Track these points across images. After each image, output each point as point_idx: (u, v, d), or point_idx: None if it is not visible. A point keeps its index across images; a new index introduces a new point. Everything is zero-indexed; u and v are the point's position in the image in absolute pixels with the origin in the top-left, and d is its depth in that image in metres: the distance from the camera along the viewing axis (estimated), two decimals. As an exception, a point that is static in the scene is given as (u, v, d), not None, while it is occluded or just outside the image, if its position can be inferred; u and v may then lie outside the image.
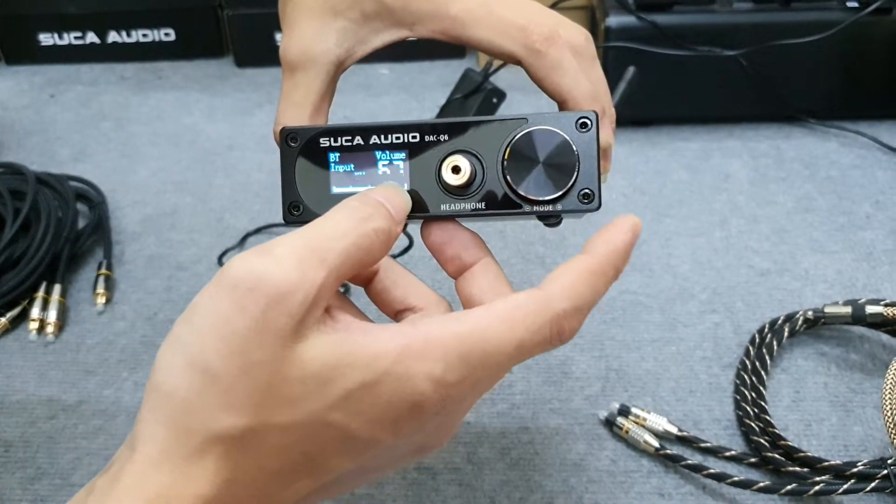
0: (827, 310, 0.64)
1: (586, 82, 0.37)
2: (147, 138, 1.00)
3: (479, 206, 0.36)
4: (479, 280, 0.36)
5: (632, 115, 0.94)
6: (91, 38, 1.17)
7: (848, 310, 0.63)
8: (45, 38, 1.18)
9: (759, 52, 0.88)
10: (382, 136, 0.36)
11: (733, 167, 0.89)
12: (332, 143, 0.37)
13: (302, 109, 0.39)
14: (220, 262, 0.78)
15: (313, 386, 0.29)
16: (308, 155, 0.37)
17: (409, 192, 0.36)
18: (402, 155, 0.36)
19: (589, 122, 0.35)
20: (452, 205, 0.36)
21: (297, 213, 0.37)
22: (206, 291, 0.29)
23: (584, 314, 0.32)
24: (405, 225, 0.35)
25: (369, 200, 0.33)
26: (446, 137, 0.36)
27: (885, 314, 0.62)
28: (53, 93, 1.12)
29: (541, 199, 0.35)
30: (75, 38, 1.17)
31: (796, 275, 0.74)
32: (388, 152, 0.36)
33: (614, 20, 0.89)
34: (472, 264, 0.36)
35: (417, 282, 0.37)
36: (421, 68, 1.14)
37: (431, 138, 0.36)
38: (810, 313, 0.65)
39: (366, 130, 0.36)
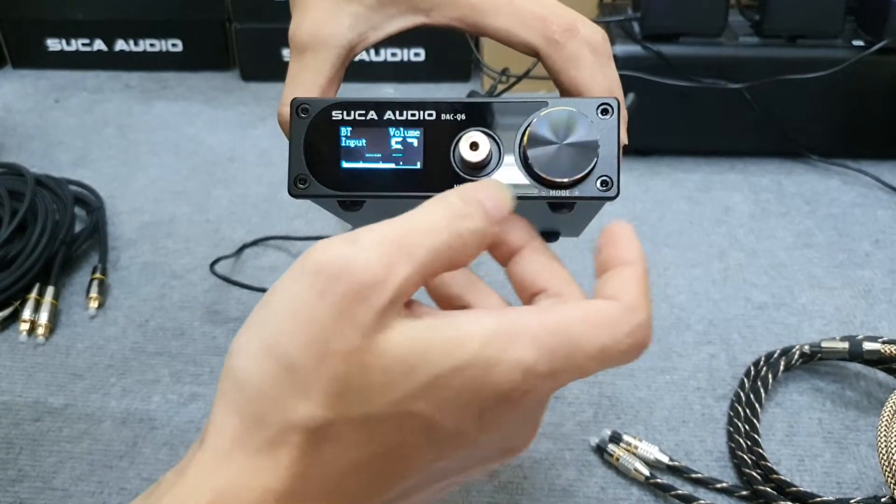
0: (824, 345, 0.64)
1: (603, 78, 0.36)
2: (148, 147, 1.00)
3: None
4: (529, 264, 0.33)
5: (634, 145, 0.94)
6: (98, 45, 1.18)
7: (845, 346, 0.63)
8: (53, 44, 1.18)
9: (763, 87, 0.89)
10: (397, 112, 0.35)
11: (734, 200, 0.89)
12: (345, 117, 0.35)
13: (309, 92, 0.37)
14: (212, 269, 0.77)
15: (396, 375, 0.27)
16: (318, 127, 0.35)
17: (421, 171, 0.34)
18: (417, 133, 0.35)
19: (610, 109, 0.34)
20: None
21: (302, 186, 0.36)
22: (286, 276, 0.28)
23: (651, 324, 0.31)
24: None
25: (468, 198, 0.31)
26: (463, 117, 0.35)
27: (883, 351, 0.62)
28: (58, 98, 1.12)
29: (559, 180, 0.34)
30: (83, 44, 1.18)
31: (794, 309, 0.73)
32: (402, 129, 0.35)
33: (620, 49, 0.89)
34: (520, 248, 0.34)
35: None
36: (426, 89, 1.14)
37: (448, 117, 0.35)
38: (807, 348, 0.65)
39: (380, 106, 0.35)
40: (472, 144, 0.34)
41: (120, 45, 1.18)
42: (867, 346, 0.62)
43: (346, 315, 0.27)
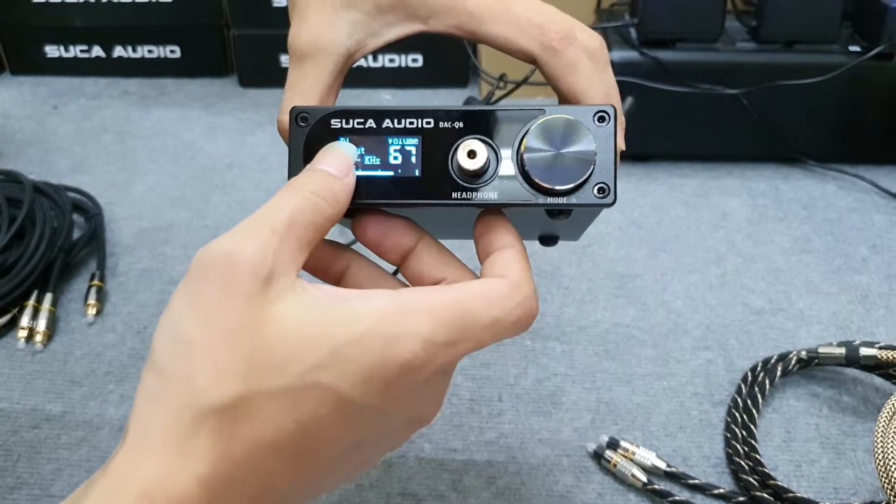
0: (821, 350, 0.64)
1: (601, 85, 0.37)
2: (147, 153, 1.00)
3: (491, 195, 0.35)
4: (424, 258, 0.36)
5: (631, 150, 0.94)
6: (97, 51, 1.18)
7: (842, 351, 0.63)
8: (51, 51, 1.18)
9: (760, 92, 0.89)
10: (396, 121, 0.35)
11: (731, 205, 0.89)
12: (344, 125, 0.36)
13: (308, 99, 0.38)
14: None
15: (297, 345, 0.29)
16: (318, 136, 0.36)
17: (419, 178, 0.35)
18: (416, 140, 0.35)
19: (607, 116, 0.34)
20: (464, 194, 0.35)
21: None
22: (182, 281, 0.30)
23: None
24: (410, 204, 0.35)
25: (307, 169, 0.34)
26: (461, 125, 0.35)
27: (880, 357, 0.62)
28: (56, 104, 1.12)
29: (557, 188, 0.34)
30: (81, 51, 1.18)
31: (791, 315, 0.74)
32: (400, 137, 0.35)
33: (617, 55, 0.89)
34: (413, 247, 0.36)
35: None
36: (424, 95, 1.14)
37: (446, 125, 0.35)
38: (804, 353, 0.65)
39: (379, 114, 0.35)
40: (469, 152, 0.34)
41: (118, 51, 1.18)
42: (864, 351, 0.62)
43: (232, 289, 0.29)
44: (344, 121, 0.36)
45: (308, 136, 0.36)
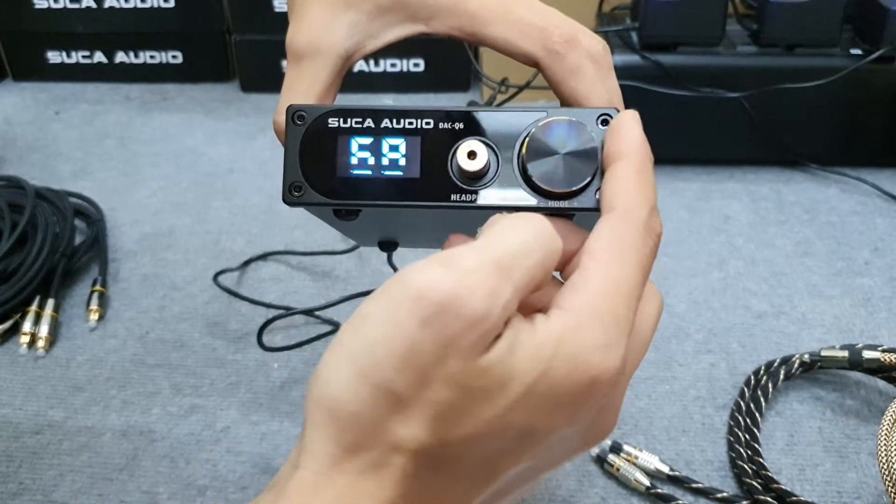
0: (823, 353, 0.64)
1: (603, 90, 0.36)
2: (149, 158, 1.00)
3: (491, 197, 0.34)
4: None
5: (633, 154, 0.94)
6: (99, 57, 1.18)
7: (845, 354, 0.63)
8: (54, 56, 1.18)
9: (761, 96, 0.89)
10: (395, 121, 0.35)
11: (733, 209, 0.89)
12: (342, 125, 0.35)
13: (305, 100, 0.37)
14: (215, 280, 0.77)
15: (493, 392, 0.27)
16: (314, 135, 0.35)
17: (418, 180, 0.34)
18: (415, 141, 0.34)
19: (610, 119, 0.34)
20: (463, 196, 0.34)
21: (297, 194, 0.35)
22: (379, 300, 0.27)
23: (657, 208, 0.32)
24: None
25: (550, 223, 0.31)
26: (461, 126, 0.34)
27: (882, 360, 0.61)
28: (58, 110, 1.12)
29: (558, 191, 0.33)
30: (83, 56, 1.18)
31: (793, 318, 0.73)
32: (399, 137, 0.34)
33: (618, 59, 0.89)
34: (575, 252, 0.33)
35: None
36: (426, 99, 1.14)
37: (446, 126, 0.34)
38: (807, 356, 0.65)
39: (378, 113, 0.35)
40: (469, 153, 0.34)
41: (120, 56, 1.18)
42: (867, 354, 0.62)
43: (451, 346, 0.26)
44: (342, 120, 0.35)
45: (305, 135, 0.35)
